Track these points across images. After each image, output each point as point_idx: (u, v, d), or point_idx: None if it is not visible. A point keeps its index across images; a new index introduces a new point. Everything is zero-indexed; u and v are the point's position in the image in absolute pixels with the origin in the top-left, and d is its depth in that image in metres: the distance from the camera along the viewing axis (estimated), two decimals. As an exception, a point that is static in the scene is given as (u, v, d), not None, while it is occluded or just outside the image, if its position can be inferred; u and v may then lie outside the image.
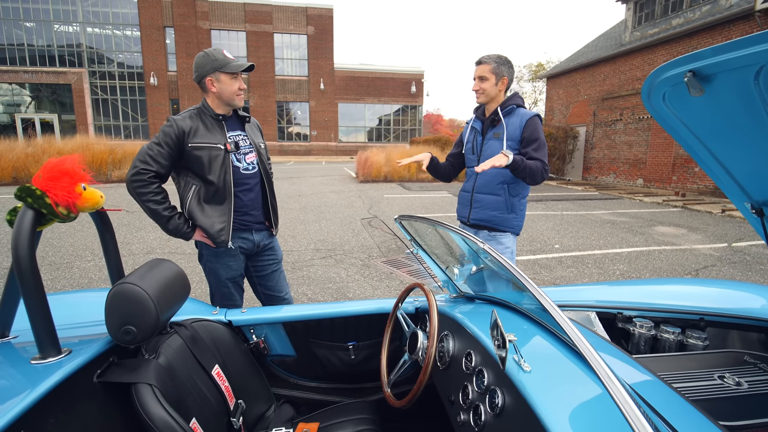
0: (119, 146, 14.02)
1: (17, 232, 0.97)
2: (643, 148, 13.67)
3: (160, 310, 1.08)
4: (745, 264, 5.19)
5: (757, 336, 1.53)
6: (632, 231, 7.09)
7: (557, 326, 0.72)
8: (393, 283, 4.33)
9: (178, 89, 30.45)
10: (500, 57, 2.26)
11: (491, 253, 1.04)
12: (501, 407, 0.91)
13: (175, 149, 1.88)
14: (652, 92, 1.28)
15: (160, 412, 0.99)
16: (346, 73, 33.80)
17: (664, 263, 5.20)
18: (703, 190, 11.66)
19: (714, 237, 6.71)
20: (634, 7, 14.20)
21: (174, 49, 30.16)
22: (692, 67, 1.09)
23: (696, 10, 11.98)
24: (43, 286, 1.01)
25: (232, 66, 1.92)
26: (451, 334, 1.28)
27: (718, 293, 1.82)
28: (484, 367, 1.03)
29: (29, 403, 0.85)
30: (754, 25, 10.00)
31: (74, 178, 1.03)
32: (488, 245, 1.06)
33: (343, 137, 34.89)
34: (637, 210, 9.42)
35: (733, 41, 0.96)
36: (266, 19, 31.44)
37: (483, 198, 2.33)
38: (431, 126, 44.01)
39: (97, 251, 5.34)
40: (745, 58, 0.96)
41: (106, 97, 29.95)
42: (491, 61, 2.24)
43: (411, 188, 13.13)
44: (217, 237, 1.96)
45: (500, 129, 2.26)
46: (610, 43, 15.79)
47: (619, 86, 14.57)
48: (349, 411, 1.53)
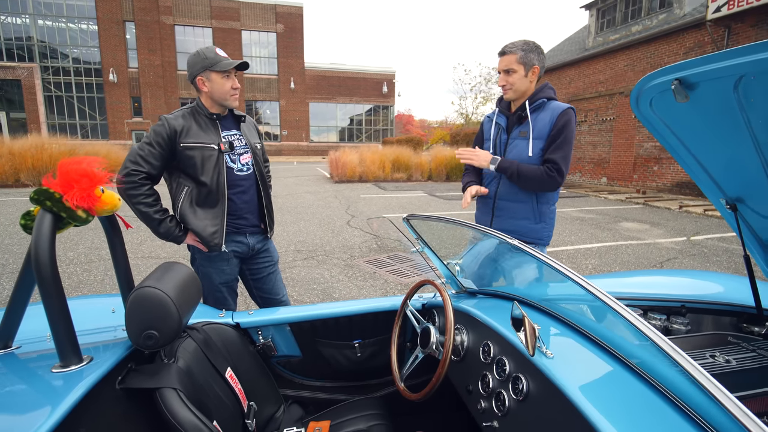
0: (80, 146, 13.33)
1: (37, 236, 0.94)
2: (607, 148, 14.31)
3: (181, 313, 1.08)
4: (704, 256, 5.56)
5: (729, 319, 1.67)
6: (600, 227, 7.43)
7: (614, 313, 0.77)
8: (377, 283, 4.37)
9: (139, 87, 29.25)
10: (527, 43, 1.94)
11: (526, 249, 1.08)
12: (526, 392, 0.97)
13: (167, 149, 1.82)
14: (640, 98, 1.39)
15: (188, 415, 1.00)
16: (317, 72, 33.51)
17: (632, 257, 5.49)
18: (662, 187, 12.34)
19: (674, 231, 7.14)
20: (597, 13, 14.84)
21: (135, 44, 28.95)
22: (678, 76, 1.20)
23: (653, 18, 12.66)
24: (65, 293, 0.99)
25: (223, 64, 1.85)
26: (463, 327, 1.33)
27: (694, 282, 1.98)
28: (504, 356, 1.09)
29: (64, 413, 0.84)
30: (705, 33, 10.68)
31: (93, 180, 1.01)
32: (517, 240, 1.12)
33: (314, 137, 34.59)
34: (603, 207, 9.87)
35: (717, 53, 1.07)
36: (233, 15, 30.71)
37: (507, 205, 2.06)
38: (403, 126, 44.31)
39: (62, 257, 5.10)
40: (727, 69, 1.06)
41: (61, 94, 28.38)
42: (517, 49, 1.93)
43: (386, 188, 13.21)
44: (210, 241, 1.90)
45: (527, 127, 1.97)
46: (575, 48, 16.42)
47: (584, 89, 15.18)
48: (359, 408, 1.56)
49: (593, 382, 0.89)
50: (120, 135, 28.90)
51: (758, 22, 9.74)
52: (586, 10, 15.24)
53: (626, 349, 0.94)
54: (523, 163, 1.96)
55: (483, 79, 33.66)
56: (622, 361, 0.94)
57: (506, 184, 2.04)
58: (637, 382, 0.87)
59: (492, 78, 34.71)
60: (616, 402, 0.82)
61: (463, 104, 38.71)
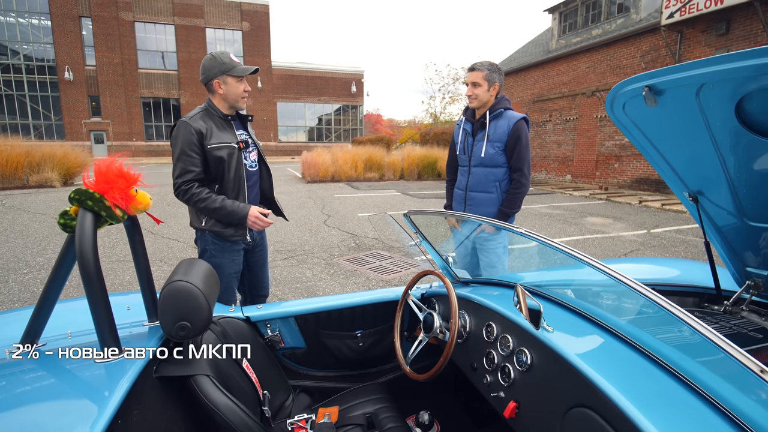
0: (36, 147, 12.65)
1: (81, 234, 0.99)
2: (570, 146, 14.94)
3: (210, 304, 1.15)
4: (663, 247, 5.97)
5: (692, 299, 1.88)
6: (567, 222, 7.81)
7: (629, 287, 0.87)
8: (359, 280, 4.46)
9: (98, 85, 27.99)
10: (492, 64, 2.41)
11: (538, 237, 1.21)
12: (530, 364, 1.10)
13: (200, 149, 1.97)
14: (614, 102, 1.55)
15: (223, 398, 1.07)
16: (284, 72, 33.13)
17: (598, 249, 5.83)
18: (622, 183, 13.02)
19: (635, 225, 7.59)
20: (559, 17, 15.46)
21: (92, 41, 27.67)
22: (649, 83, 1.37)
23: (612, 22, 13.33)
24: (106, 288, 1.04)
25: (239, 69, 2.00)
26: (464, 311, 1.46)
27: (658, 269, 2.20)
28: (507, 333, 1.22)
29: (121, 397, 0.90)
30: (660, 38, 11.36)
31: (129, 180, 1.07)
32: (525, 228, 1.25)
33: (282, 137, 34.17)
34: (569, 203, 10.34)
35: (681, 65, 1.23)
36: (197, 12, 29.91)
37: (476, 196, 2.46)
38: (372, 126, 44.41)
39: (32, 263, 4.91)
40: (691, 78, 1.23)
41: (11, 93, 26.80)
42: (484, 68, 2.37)
43: (360, 187, 13.28)
44: (235, 233, 2.07)
45: (487, 132, 2.40)
46: (539, 50, 17.03)
47: (548, 90, 15.78)
48: (364, 393, 1.66)
49: (590, 350, 1.03)
50: (78, 136, 27.56)
51: (707, 28, 10.47)
52: (549, 13, 15.85)
53: (617, 323, 1.09)
54: (506, 200, 2.40)
55: (451, 79, 34.25)
56: (610, 331, 1.09)
57: (475, 178, 2.47)
58: (626, 348, 1.02)
59: (460, 77, 35.38)
60: (610, 363, 0.97)
61: (432, 104, 39.29)
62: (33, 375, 1.01)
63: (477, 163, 2.45)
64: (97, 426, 0.81)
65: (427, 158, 16.11)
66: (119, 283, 4.30)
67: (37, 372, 1.02)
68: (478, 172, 2.43)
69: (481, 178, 2.43)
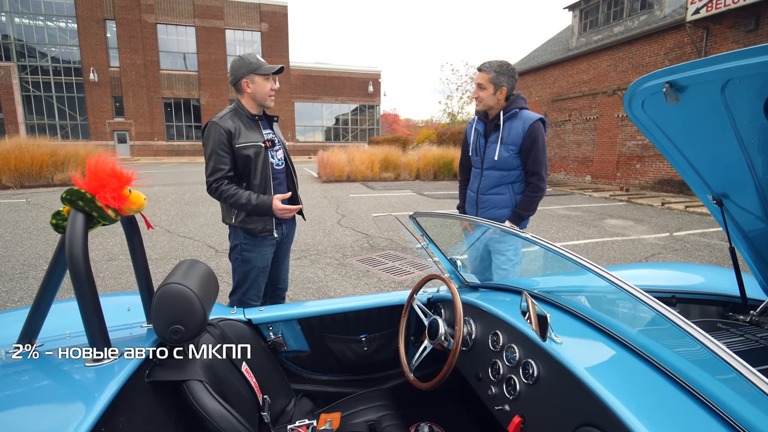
0: (60, 147, 13.05)
1: (71, 235, 0.97)
2: (590, 146, 14.61)
3: (205, 308, 1.12)
4: (686, 251, 5.75)
5: (716, 308, 1.77)
6: (586, 224, 7.61)
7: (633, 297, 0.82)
8: (371, 281, 4.43)
9: (121, 86, 28.73)
10: (501, 66, 2.22)
11: (545, 243, 1.15)
12: (536, 376, 1.04)
13: (229, 148, 2.05)
14: (633, 100, 1.47)
15: (215, 405, 1.04)
16: (302, 72, 33.37)
17: (617, 252, 5.65)
18: (644, 185, 12.66)
19: (657, 228, 7.35)
20: (579, 14, 15.13)
21: (116, 43, 28.41)
22: (669, 79, 1.28)
23: (635, 19, 12.97)
24: (96, 289, 1.02)
25: (265, 68, 2.08)
26: (470, 318, 1.40)
27: (682, 275, 2.09)
28: (513, 343, 1.16)
29: (105, 405, 0.87)
30: (685, 34, 11.00)
31: (122, 180, 1.04)
32: (531, 233, 1.19)
33: (300, 137, 34.44)
34: (588, 204, 10.09)
35: (705, 59, 1.15)
36: (217, 14, 30.38)
37: (489, 198, 2.38)
38: (389, 126, 44.36)
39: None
40: (715, 73, 1.14)
41: (39, 94, 27.71)
42: (491, 70, 2.21)
43: (375, 187, 13.25)
44: (263, 228, 2.16)
45: (501, 134, 2.28)
46: (559, 48, 16.71)
47: (568, 89, 15.46)
48: (368, 399, 1.61)
49: (599, 363, 0.96)
50: (102, 135, 28.35)
51: (735, 24, 10.08)
52: (569, 11, 15.52)
53: (630, 335, 1.01)
54: (522, 203, 2.31)
55: (469, 78, 33.92)
56: (623, 343, 1.02)
57: (487, 180, 2.37)
58: (639, 362, 0.95)
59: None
60: (622, 379, 0.90)
61: (449, 103, 39.03)
62: (23, 377, 1.00)
63: (489, 166, 2.35)
64: (81, 428, 0.79)
65: (443, 158, 15.98)
66: (106, 283, 4.37)
67: (28, 373, 1.01)
68: (490, 175, 2.35)
69: (494, 180, 2.36)
